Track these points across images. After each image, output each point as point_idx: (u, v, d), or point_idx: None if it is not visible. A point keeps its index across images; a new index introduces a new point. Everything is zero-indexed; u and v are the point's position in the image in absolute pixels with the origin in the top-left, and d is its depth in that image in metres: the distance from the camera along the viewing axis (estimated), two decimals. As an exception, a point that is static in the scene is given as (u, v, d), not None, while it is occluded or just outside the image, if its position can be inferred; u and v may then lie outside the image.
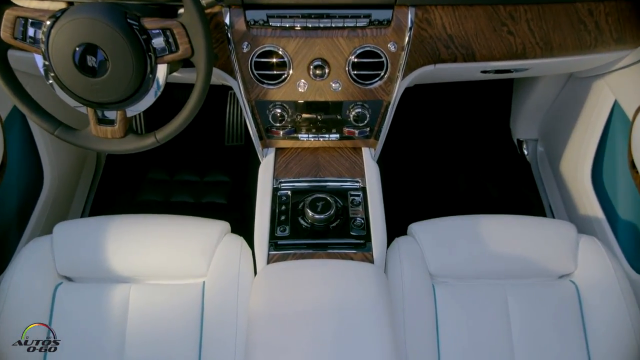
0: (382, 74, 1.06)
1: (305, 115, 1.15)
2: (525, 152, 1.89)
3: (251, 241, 1.06)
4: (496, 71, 1.19)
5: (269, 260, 1.01)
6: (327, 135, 1.19)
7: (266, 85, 1.07)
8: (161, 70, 0.89)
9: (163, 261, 1.03)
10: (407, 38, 1.02)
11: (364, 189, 1.13)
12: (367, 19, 1.00)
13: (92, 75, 0.84)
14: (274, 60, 1.04)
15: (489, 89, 1.98)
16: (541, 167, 1.82)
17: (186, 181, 1.78)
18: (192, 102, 0.90)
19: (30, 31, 0.86)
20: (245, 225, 1.16)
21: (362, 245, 1.04)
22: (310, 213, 1.04)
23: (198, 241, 1.04)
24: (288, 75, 1.06)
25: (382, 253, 1.02)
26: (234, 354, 0.93)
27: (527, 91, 1.75)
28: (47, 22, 0.83)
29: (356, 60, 1.04)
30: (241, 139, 1.92)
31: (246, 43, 1.01)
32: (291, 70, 1.05)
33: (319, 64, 1.03)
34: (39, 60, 0.89)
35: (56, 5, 0.95)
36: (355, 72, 1.06)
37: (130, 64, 0.84)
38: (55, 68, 0.86)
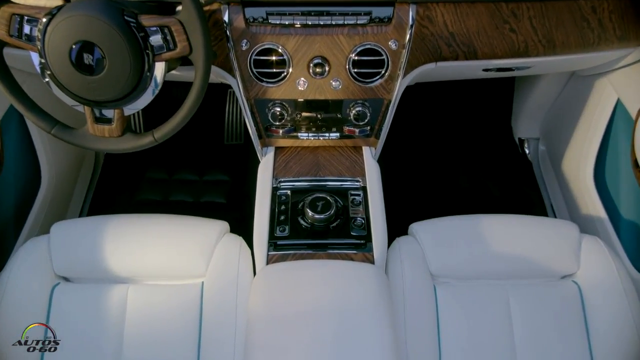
0: (383, 72, 1.06)
1: (305, 114, 1.14)
2: (527, 151, 1.88)
3: (251, 241, 1.05)
4: (498, 69, 1.18)
5: (268, 261, 1.01)
6: (327, 134, 1.18)
7: (265, 84, 1.07)
8: (159, 68, 0.88)
9: (161, 261, 1.02)
10: (408, 36, 1.01)
11: (364, 189, 1.12)
12: (368, 17, 0.99)
13: (88, 73, 0.84)
14: (273, 58, 1.03)
15: (490, 88, 1.98)
16: (543, 166, 1.81)
17: (185, 180, 1.78)
18: (190, 101, 0.89)
19: (26, 28, 0.85)
20: (244, 225, 1.15)
21: (362, 245, 1.03)
22: (310, 213, 1.04)
23: (197, 241, 1.03)
24: (288, 73, 1.05)
25: (382, 253, 1.02)
26: (232, 355, 0.92)
27: (528, 89, 1.75)
28: (43, 20, 0.82)
29: (356, 58, 1.03)
30: (241, 138, 1.92)
31: (245, 41, 1.00)
32: (291, 68, 1.04)
33: (319, 62, 1.03)
34: (35, 58, 0.88)
35: (52, 2, 0.94)
36: (356, 70, 1.05)
37: (128, 61, 0.83)
38: (51, 66, 0.85)
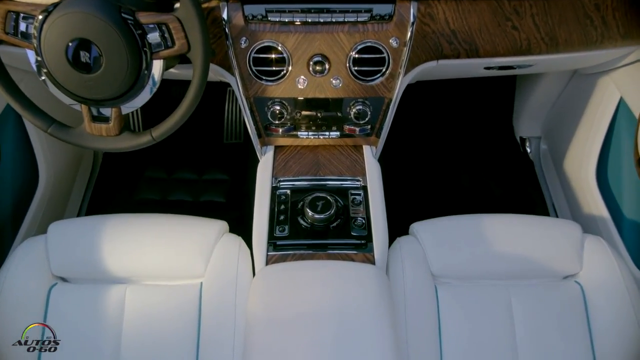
0: (384, 70, 1.05)
1: (304, 113, 1.13)
2: (528, 150, 1.88)
3: (251, 240, 1.04)
4: (500, 67, 1.18)
5: (267, 261, 1.00)
6: (327, 133, 1.17)
7: (265, 82, 1.06)
8: (157, 67, 0.88)
9: (160, 261, 1.01)
10: (409, 33, 1.00)
11: (365, 188, 1.11)
12: (369, 14, 0.98)
13: (85, 71, 0.83)
14: (272, 56, 1.02)
15: (492, 86, 1.97)
16: (544, 165, 1.80)
17: (184, 179, 1.77)
18: (188, 99, 0.89)
19: (22, 26, 0.84)
20: (244, 225, 1.15)
21: (363, 245, 1.02)
22: (310, 213, 1.03)
23: (195, 241, 1.03)
24: (287, 71, 1.04)
25: (383, 254, 1.01)
26: (231, 356, 0.91)
27: (530, 88, 1.74)
28: (39, 17, 0.81)
29: (357, 56, 1.02)
30: (240, 137, 1.91)
31: (244, 38, 0.99)
32: (290, 67, 1.03)
33: (319, 59, 1.02)
34: (32, 56, 0.87)
35: None
36: (356, 68, 1.04)
37: (125, 59, 0.82)
38: (47, 64, 0.84)
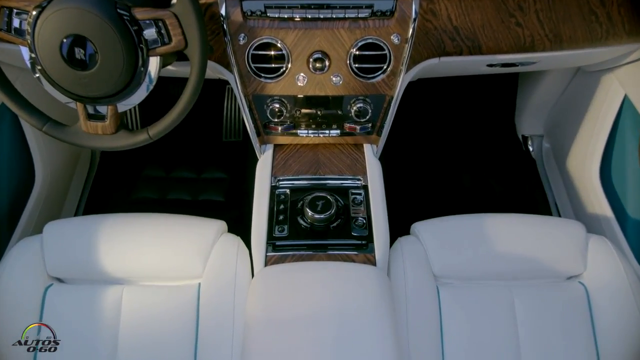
0: (385, 67, 1.03)
1: (304, 111, 1.12)
2: (531, 149, 1.87)
3: (250, 240, 1.03)
4: (502, 65, 1.16)
5: (266, 262, 0.99)
6: (327, 131, 1.16)
7: (264, 79, 1.04)
8: (153, 64, 0.87)
9: (157, 262, 1.00)
10: (411, 30, 0.99)
11: (365, 187, 1.10)
12: (370, 10, 0.97)
13: (80, 68, 0.82)
14: (272, 52, 1.01)
15: (493, 84, 1.96)
16: (547, 164, 1.80)
17: (183, 178, 1.77)
18: (185, 97, 0.88)
19: (16, 22, 0.83)
20: (243, 224, 1.14)
21: (363, 246, 1.01)
22: (310, 212, 1.01)
23: (193, 241, 1.02)
24: (287, 68, 1.02)
25: (384, 254, 1.00)
26: (230, 358, 0.90)
27: (532, 85, 1.73)
28: (33, 12, 0.80)
29: (358, 52, 1.01)
30: (239, 135, 1.90)
31: (243, 35, 0.98)
32: (290, 64, 1.02)
33: (319, 56, 1.00)
34: (25, 52, 0.86)
35: None
36: (357, 66, 1.02)
37: (121, 56, 0.81)
38: (42, 61, 0.83)
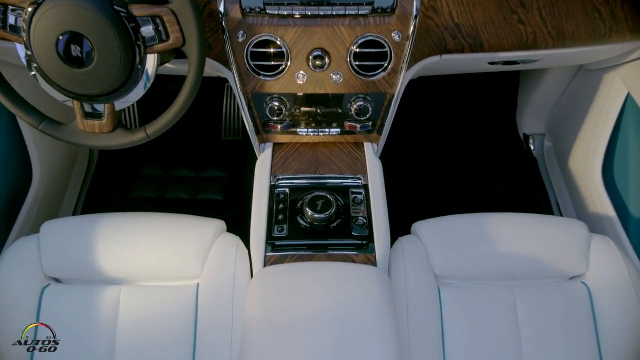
0: (386, 65, 1.02)
1: (304, 109, 1.11)
2: (532, 148, 1.86)
3: (249, 239, 1.02)
4: (504, 63, 1.15)
5: (266, 263, 0.98)
6: (327, 130, 1.15)
7: (263, 77, 1.03)
8: (151, 61, 0.86)
9: (155, 262, 1.00)
10: (412, 27, 0.97)
11: (366, 187, 1.10)
12: (370, 7, 0.95)
13: (77, 66, 0.81)
14: (271, 50, 0.99)
15: (495, 82, 1.96)
16: (548, 163, 1.79)
17: (182, 177, 1.76)
18: (183, 95, 0.87)
19: (11, 19, 0.82)
20: (243, 223, 1.14)
21: (364, 246, 1.00)
22: (310, 212, 1.01)
23: (192, 241, 1.01)
24: (286, 66, 1.01)
25: (385, 254, 0.99)
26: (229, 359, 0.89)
27: (534, 84, 1.73)
28: (29, 9, 0.79)
29: (358, 50, 0.99)
30: (239, 134, 1.90)
31: (242, 32, 0.97)
32: (289, 61, 1.01)
33: (319, 54, 0.99)
34: (21, 50, 0.85)
35: None
36: (358, 63, 1.01)
37: (118, 54, 0.80)
38: (38, 58, 0.82)
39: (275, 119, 1.10)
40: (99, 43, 0.79)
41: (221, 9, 0.94)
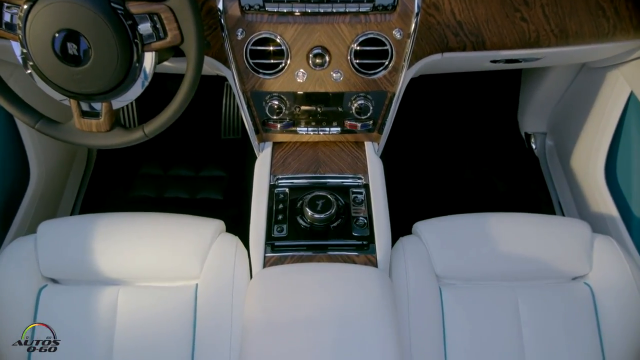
0: (387, 63, 1.01)
1: (304, 107, 1.10)
2: (534, 146, 1.86)
3: (249, 239, 1.02)
4: (506, 61, 1.15)
5: (265, 263, 0.98)
6: (327, 129, 1.14)
7: (262, 75, 1.02)
8: (148, 59, 0.85)
9: (153, 262, 0.99)
10: (413, 24, 0.97)
11: (366, 186, 1.09)
12: (371, 4, 0.95)
13: (73, 64, 0.80)
14: (270, 48, 0.99)
15: (496, 80, 1.95)
16: (550, 162, 1.79)
17: (181, 176, 1.76)
18: (181, 94, 0.86)
19: (6, 16, 0.82)
20: (242, 223, 1.13)
21: (365, 246, 1.00)
22: (310, 212, 1.00)
23: (191, 241, 1.00)
24: (286, 64, 1.01)
25: (386, 255, 0.99)
26: None
27: (536, 82, 1.72)
28: (24, 6, 0.78)
29: (359, 48, 0.99)
30: (238, 132, 1.89)
31: (241, 30, 0.96)
32: (289, 59, 1.00)
33: (319, 52, 0.98)
34: (17, 48, 0.85)
35: None
36: (358, 61, 1.00)
37: (115, 52, 0.80)
38: (33, 56, 0.81)
39: (275, 117, 1.10)
40: (95, 41, 0.78)
41: (220, 6, 0.94)
